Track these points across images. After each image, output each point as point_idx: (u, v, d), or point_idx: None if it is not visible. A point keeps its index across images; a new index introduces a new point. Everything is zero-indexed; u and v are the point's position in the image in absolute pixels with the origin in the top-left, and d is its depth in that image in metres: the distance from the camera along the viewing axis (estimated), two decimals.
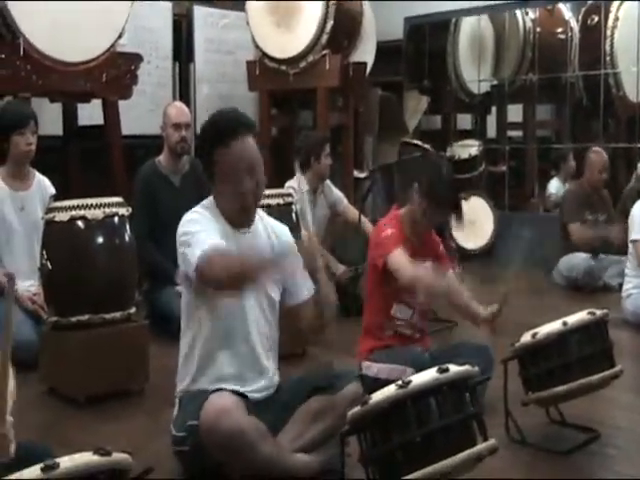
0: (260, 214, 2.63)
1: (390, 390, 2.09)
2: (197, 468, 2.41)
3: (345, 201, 5.19)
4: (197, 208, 2.54)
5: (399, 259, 3.07)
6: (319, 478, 2.44)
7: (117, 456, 1.61)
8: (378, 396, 2.09)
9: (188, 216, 2.50)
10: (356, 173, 6.41)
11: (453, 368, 2.14)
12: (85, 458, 1.56)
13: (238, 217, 2.52)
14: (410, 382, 2.09)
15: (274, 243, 2.60)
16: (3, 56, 4.60)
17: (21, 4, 4.57)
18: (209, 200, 2.56)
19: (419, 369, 2.94)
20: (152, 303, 4.36)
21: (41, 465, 1.51)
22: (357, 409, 2.11)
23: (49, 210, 3.46)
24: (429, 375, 2.12)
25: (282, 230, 2.67)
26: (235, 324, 2.49)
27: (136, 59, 5.30)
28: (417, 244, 3.24)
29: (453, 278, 3.31)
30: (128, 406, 3.22)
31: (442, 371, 2.11)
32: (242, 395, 2.41)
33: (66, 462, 1.53)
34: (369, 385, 2.75)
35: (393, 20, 7.47)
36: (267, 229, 2.63)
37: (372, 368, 3.13)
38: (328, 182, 5.15)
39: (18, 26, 4.62)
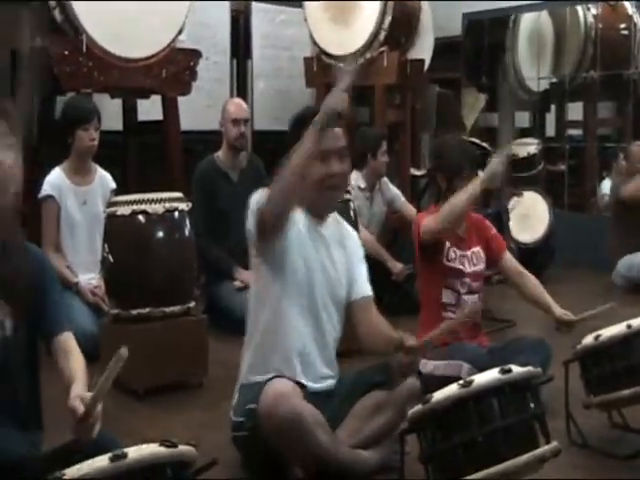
0: (333, 215, 2.65)
1: (452, 389, 2.07)
2: (254, 453, 2.43)
3: (402, 198, 5.16)
4: None
5: (423, 220, 3.21)
6: (376, 475, 2.45)
7: (182, 448, 1.62)
8: (439, 395, 2.08)
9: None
10: (413, 171, 6.38)
11: (516, 369, 2.12)
12: (152, 449, 1.58)
13: (321, 203, 2.54)
14: (472, 382, 2.07)
15: (344, 246, 2.63)
16: (66, 52, 4.68)
17: (83, 1, 4.64)
18: None
19: (476, 365, 2.97)
20: (210, 297, 4.40)
21: (110, 455, 1.52)
22: (418, 407, 2.10)
23: (111, 204, 3.51)
24: (491, 375, 2.10)
25: (350, 232, 2.71)
26: (307, 319, 2.50)
27: (195, 55, 5.35)
28: (461, 232, 3.29)
29: (511, 259, 3.36)
30: (187, 399, 3.26)
31: (504, 371, 2.09)
32: (301, 385, 2.42)
33: (133, 452, 1.55)
34: (425, 382, 2.76)
35: (451, 16, 7.39)
36: (339, 228, 2.65)
37: (428, 365, 3.13)
38: (385, 179, 5.13)
39: (81, 23, 4.70)
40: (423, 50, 6.75)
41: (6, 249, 1.88)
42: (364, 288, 2.64)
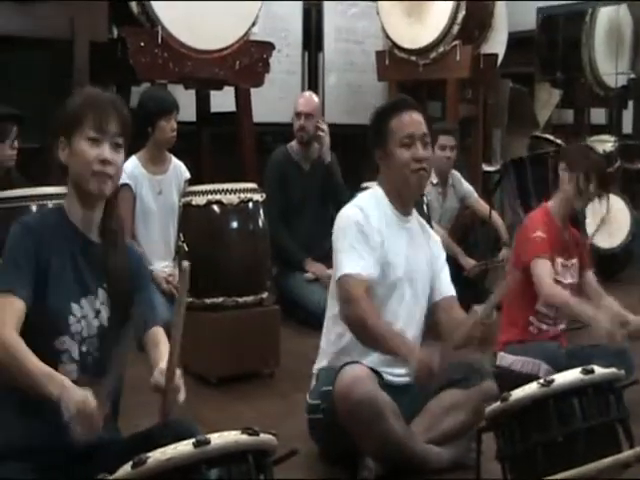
0: (415, 214, 2.65)
1: (532, 388, 2.04)
2: (329, 437, 2.45)
3: (475, 194, 5.09)
4: (360, 199, 2.58)
5: (542, 269, 3.09)
6: (451, 472, 2.42)
7: (264, 436, 1.63)
8: (519, 393, 2.05)
9: (346, 215, 2.52)
10: (484, 166, 6.30)
11: (599, 370, 2.08)
12: (235, 436, 1.58)
13: (407, 193, 2.55)
14: (553, 381, 2.03)
15: (428, 240, 2.65)
16: (142, 44, 4.74)
17: None
18: (374, 187, 2.62)
19: (554, 365, 2.92)
20: (281, 289, 4.41)
21: (193, 440, 1.54)
22: (496, 405, 2.08)
23: (186, 194, 3.55)
24: (573, 375, 2.06)
25: (436, 238, 2.72)
26: (390, 309, 2.50)
27: (268, 48, 5.37)
28: (568, 238, 3.25)
29: (592, 278, 3.32)
30: (259, 388, 3.29)
31: (587, 372, 2.05)
32: (377, 373, 2.42)
33: (216, 439, 1.56)
34: (503, 375, 2.74)
35: (526, 10, 7.27)
36: (421, 224, 2.67)
37: (506, 359, 3.11)
38: (458, 175, 5.07)
39: (157, 15, 4.75)
40: (496, 44, 6.67)
41: (112, 242, 1.93)
42: (448, 288, 2.64)
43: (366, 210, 2.51)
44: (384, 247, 2.48)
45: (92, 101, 1.88)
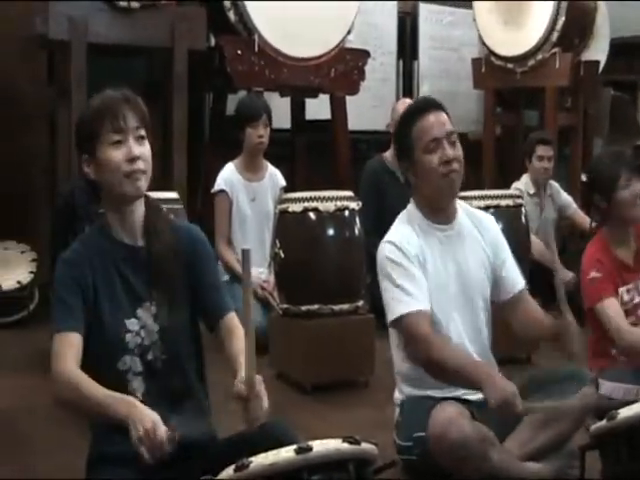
0: (463, 206, 2.54)
1: None
2: (425, 472, 2.39)
3: (574, 205, 4.99)
4: (391, 230, 2.48)
5: (610, 312, 2.90)
6: None
7: (365, 446, 1.63)
8: (627, 412, 1.98)
9: (381, 255, 2.41)
10: (584, 177, 6.13)
11: None
12: (336, 444, 1.58)
13: (441, 200, 2.43)
14: None
15: (481, 240, 2.50)
16: (239, 52, 4.83)
17: (257, 2, 4.78)
18: (407, 208, 2.52)
19: None
20: (374, 297, 4.39)
21: (295, 447, 1.54)
22: (602, 423, 2.01)
23: (283, 200, 3.58)
24: None
25: (489, 223, 2.57)
26: (452, 329, 2.42)
27: (363, 55, 5.38)
28: (628, 257, 3.03)
29: None
30: (353, 397, 3.27)
31: None
32: (466, 401, 2.35)
33: (318, 446, 1.56)
34: (602, 404, 2.63)
35: (628, 16, 7.05)
36: (473, 222, 2.52)
37: (605, 386, 2.96)
38: (556, 185, 4.98)
39: (254, 23, 4.82)
40: (597, 51, 6.51)
41: (156, 240, 1.88)
42: (515, 282, 2.51)
43: (399, 241, 2.39)
44: (429, 271, 2.39)
45: (103, 106, 1.83)
